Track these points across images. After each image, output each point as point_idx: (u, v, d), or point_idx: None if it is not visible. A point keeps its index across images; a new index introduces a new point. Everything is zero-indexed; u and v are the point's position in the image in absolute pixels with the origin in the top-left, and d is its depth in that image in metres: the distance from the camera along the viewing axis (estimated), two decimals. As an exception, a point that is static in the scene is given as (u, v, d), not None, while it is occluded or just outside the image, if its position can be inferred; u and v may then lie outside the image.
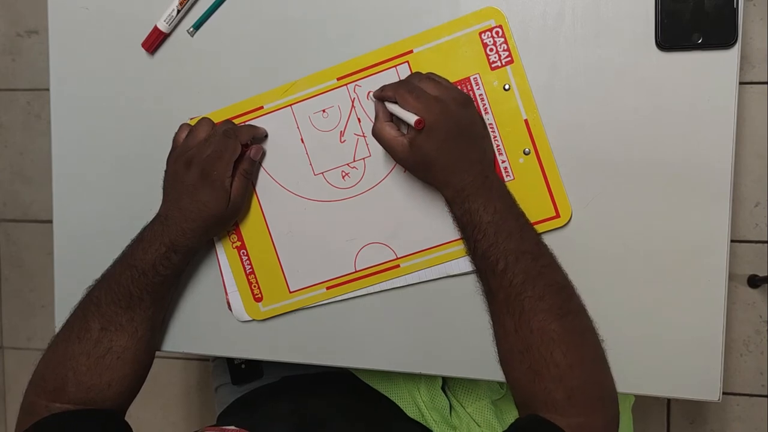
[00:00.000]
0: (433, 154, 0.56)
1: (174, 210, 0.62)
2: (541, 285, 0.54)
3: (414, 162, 0.58)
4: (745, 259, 1.29)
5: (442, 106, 0.56)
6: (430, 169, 0.58)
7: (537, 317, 0.54)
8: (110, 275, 0.63)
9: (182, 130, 0.65)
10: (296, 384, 0.83)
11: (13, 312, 1.57)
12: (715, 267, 0.60)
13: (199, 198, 0.61)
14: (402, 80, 0.60)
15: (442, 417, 0.74)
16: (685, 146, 0.60)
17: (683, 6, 0.58)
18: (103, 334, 0.61)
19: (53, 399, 0.60)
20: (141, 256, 0.61)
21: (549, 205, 0.62)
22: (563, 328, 0.54)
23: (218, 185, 0.61)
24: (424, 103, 0.55)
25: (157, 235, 0.62)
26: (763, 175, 1.27)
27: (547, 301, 0.54)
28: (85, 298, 0.63)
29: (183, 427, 1.51)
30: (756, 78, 1.25)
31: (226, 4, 0.66)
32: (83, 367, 0.60)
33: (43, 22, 0.70)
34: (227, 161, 0.61)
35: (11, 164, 1.54)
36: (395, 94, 0.57)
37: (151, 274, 0.61)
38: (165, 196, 0.64)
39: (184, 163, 0.61)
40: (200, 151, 0.61)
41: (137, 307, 0.62)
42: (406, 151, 0.57)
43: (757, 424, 1.32)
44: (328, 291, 0.67)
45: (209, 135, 0.62)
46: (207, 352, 0.70)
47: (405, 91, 0.56)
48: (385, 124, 0.59)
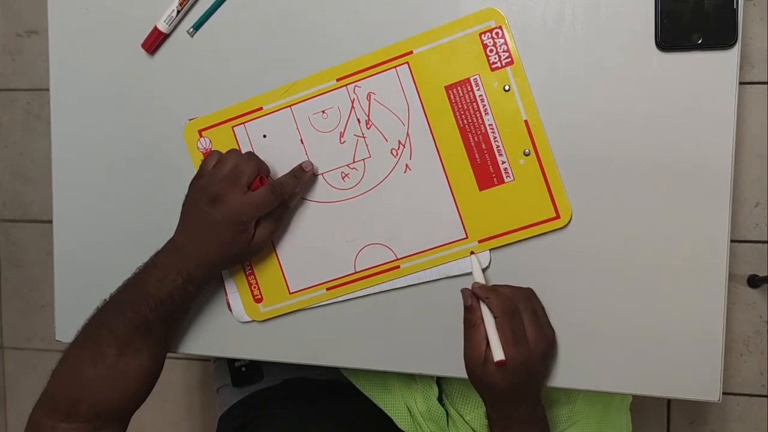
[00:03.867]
0: (497, 388, 0.59)
1: (192, 242, 0.61)
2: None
3: (477, 375, 0.60)
4: (745, 259, 1.29)
5: (528, 356, 0.58)
6: (488, 389, 0.60)
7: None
8: (124, 302, 0.62)
9: (211, 158, 0.63)
10: (296, 387, 0.83)
11: (13, 312, 1.57)
12: (715, 267, 0.60)
13: (220, 237, 0.60)
14: (511, 307, 0.59)
15: (440, 427, 0.74)
16: (685, 146, 0.59)
17: (683, 6, 0.58)
18: (120, 359, 0.61)
19: (62, 420, 0.60)
20: (157, 286, 0.61)
21: (549, 206, 0.62)
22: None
23: (243, 229, 0.60)
24: (515, 347, 0.57)
25: (173, 264, 0.61)
26: (763, 175, 1.27)
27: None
28: (97, 322, 0.62)
29: (183, 427, 1.51)
30: (756, 78, 1.25)
31: (226, 4, 0.66)
32: (97, 389, 0.60)
33: (43, 22, 0.70)
34: (261, 213, 0.61)
35: (11, 164, 1.54)
36: (499, 316, 0.58)
37: (168, 302, 0.61)
38: (183, 223, 0.62)
39: (210, 198, 0.60)
40: (228, 191, 0.59)
41: (155, 332, 0.62)
42: (478, 363, 0.59)
43: (757, 424, 1.32)
44: (328, 292, 0.67)
45: (233, 171, 0.60)
46: (207, 352, 0.70)
47: (509, 327, 0.57)
48: (482, 325, 0.59)
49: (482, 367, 0.58)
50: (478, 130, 0.62)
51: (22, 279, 1.56)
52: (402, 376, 0.74)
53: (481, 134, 0.62)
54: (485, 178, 0.63)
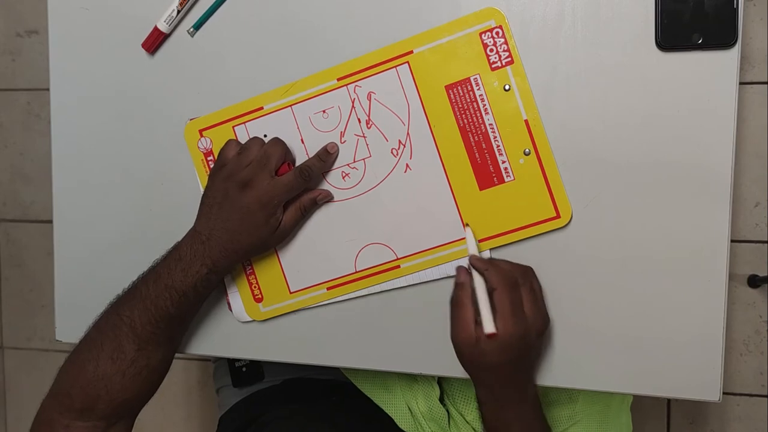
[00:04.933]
0: (489, 364, 0.57)
1: (220, 231, 0.61)
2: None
3: (468, 357, 0.58)
4: (745, 259, 1.29)
5: (525, 332, 0.57)
6: (480, 370, 0.59)
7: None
8: (144, 296, 0.61)
9: (230, 147, 0.63)
10: (297, 387, 0.83)
11: (13, 312, 1.57)
12: (715, 267, 0.60)
13: (251, 222, 0.60)
14: (511, 279, 0.58)
15: (441, 427, 0.74)
16: (685, 146, 0.60)
17: (683, 6, 0.58)
18: (140, 354, 0.60)
19: (78, 418, 0.60)
20: (181, 279, 0.60)
21: (549, 206, 0.62)
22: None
23: (273, 213, 0.61)
24: (514, 320, 0.56)
25: (198, 255, 0.60)
26: (763, 175, 1.27)
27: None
28: (114, 316, 0.61)
29: (183, 427, 1.51)
30: (756, 78, 1.25)
31: (226, 4, 0.66)
32: (117, 385, 0.60)
33: (43, 22, 0.70)
34: (290, 196, 0.61)
35: (11, 164, 1.54)
36: (498, 287, 0.57)
37: (191, 294, 0.61)
38: (207, 213, 0.62)
39: (239, 184, 0.60)
40: (257, 174, 0.60)
41: (176, 325, 0.62)
42: (469, 344, 0.57)
43: (757, 424, 1.32)
44: (328, 291, 0.67)
45: (263, 157, 0.60)
46: (207, 352, 0.70)
47: (508, 298, 0.56)
48: (470, 303, 0.58)
49: (475, 346, 0.57)
50: (478, 129, 0.62)
51: (22, 279, 1.56)
52: (403, 376, 0.74)
53: (481, 134, 0.62)
54: (485, 177, 0.63)
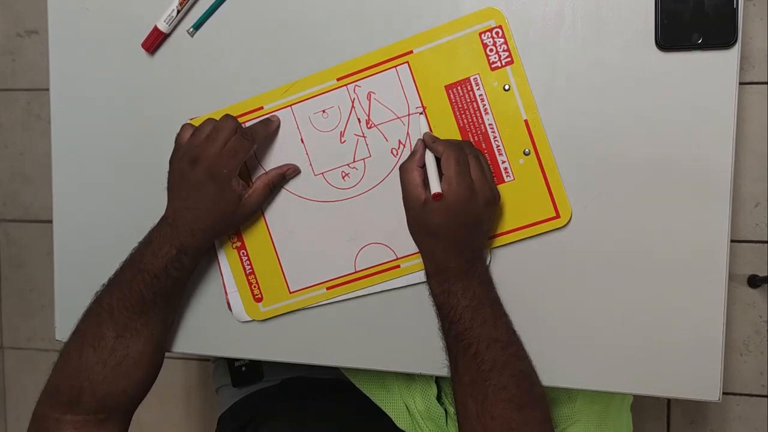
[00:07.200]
0: (434, 226, 0.57)
1: (182, 211, 0.61)
2: (507, 374, 0.56)
3: (416, 219, 0.59)
4: (745, 259, 1.29)
5: (471, 195, 0.56)
6: (425, 235, 0.59)
7: (499, 405, 0.55)
8: (121, 281, 0.62)
9: (185, 130, 0.63)
10: (296, 386, 0.83)
11: (13, 312, 1.57)
12: (715, 267, 0.60)
13: (207, 196, 0.60)
14: (457, 144, 0.58)
15: (438, 426, 0.74)
16: (684, 146, 0.60)
17: (683, 6, 0.58)
18: (119, 341, 0.60)
19: (66, 411, 0.60)
20: (151, 260, 0.60)
21: (549, 206, 0.62)
22: (523, 418, 0.55)
23: (226, 183, 0.60)
24: (459, 180, 0.56)
25: (166, 237, 0.61)
26: (763, 175, 1.27)
27: (510, 391, 0.56)
28: (95, 305, 0.62)
29: (183, 427, 1.51)
30: (756, 78, 1.25)
31: (226, 4, 0.66)
32: (99, 376, 0.60)
33: (43, 22, 0.70)
34: (239, 161, 0.61)
35: (11, 164, 1.54)
36: (444, 152, 0.57)
37: (163, 277, 0.61)
38: (170, 197, 0.63)
39: (190, 161, 0.60)
40: (206, 148, 0.60)
41: (151, 311, 0.62)
42: (417, 206, 0.58)
43: (757, 424, 1.32)
44: (328, 291, 0.67)
45: (212, 132, 0.61)
46: (207, 352, 0.70)
47: (453, 158, 0.56)
48: (417, 168, 0.59)
49: (422, 207, 0.57)
50: (478, 129, 0.62)
51: (22, 279, 1.56)
52: (401, 376, 0.75)
53: (481, 134, 0.62)
54: (485, 177, 0.63)
